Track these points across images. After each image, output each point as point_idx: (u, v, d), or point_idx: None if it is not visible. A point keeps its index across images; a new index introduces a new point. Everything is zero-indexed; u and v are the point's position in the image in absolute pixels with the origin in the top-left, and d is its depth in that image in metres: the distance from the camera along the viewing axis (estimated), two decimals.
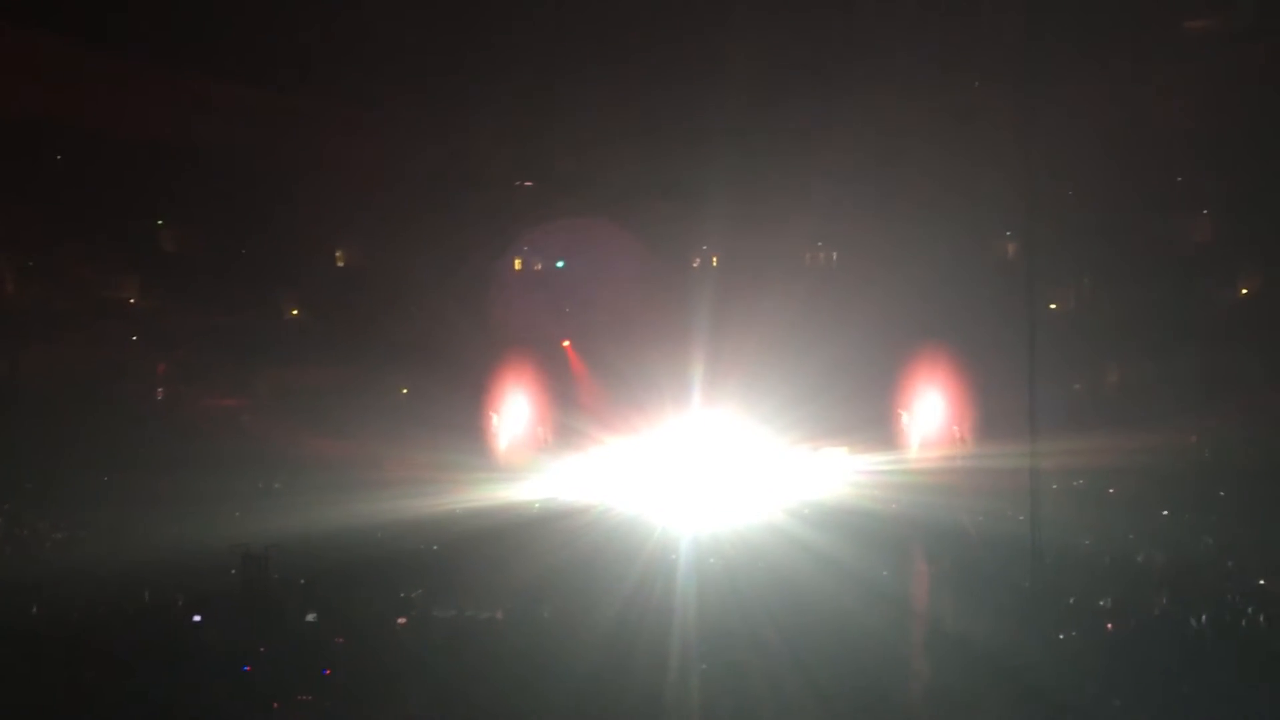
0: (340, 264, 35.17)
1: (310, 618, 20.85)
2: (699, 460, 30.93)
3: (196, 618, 20.17)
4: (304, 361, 33.12)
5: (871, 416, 30.86)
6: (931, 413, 31.60)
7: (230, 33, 29.91)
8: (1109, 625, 19.94)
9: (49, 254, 32.34)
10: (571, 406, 32.98)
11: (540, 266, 34.69)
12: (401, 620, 21.18)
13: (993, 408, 29.14)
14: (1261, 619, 19.25)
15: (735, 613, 20.12)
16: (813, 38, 30.21)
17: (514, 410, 33.62)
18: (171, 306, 33.20)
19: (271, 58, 30.36)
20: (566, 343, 33.79)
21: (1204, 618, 19.12)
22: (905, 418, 31.75)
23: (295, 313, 34.91)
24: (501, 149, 32.48)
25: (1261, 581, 22.05)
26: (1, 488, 28.54)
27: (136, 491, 29.14)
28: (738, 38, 29.50)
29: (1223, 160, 29.84)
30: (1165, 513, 26.44)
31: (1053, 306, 31.96)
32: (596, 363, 33.09)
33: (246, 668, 17.83)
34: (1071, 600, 21.00)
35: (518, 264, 34.66)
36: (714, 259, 33.63)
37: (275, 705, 16.59)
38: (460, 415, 32.09)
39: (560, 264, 34.20)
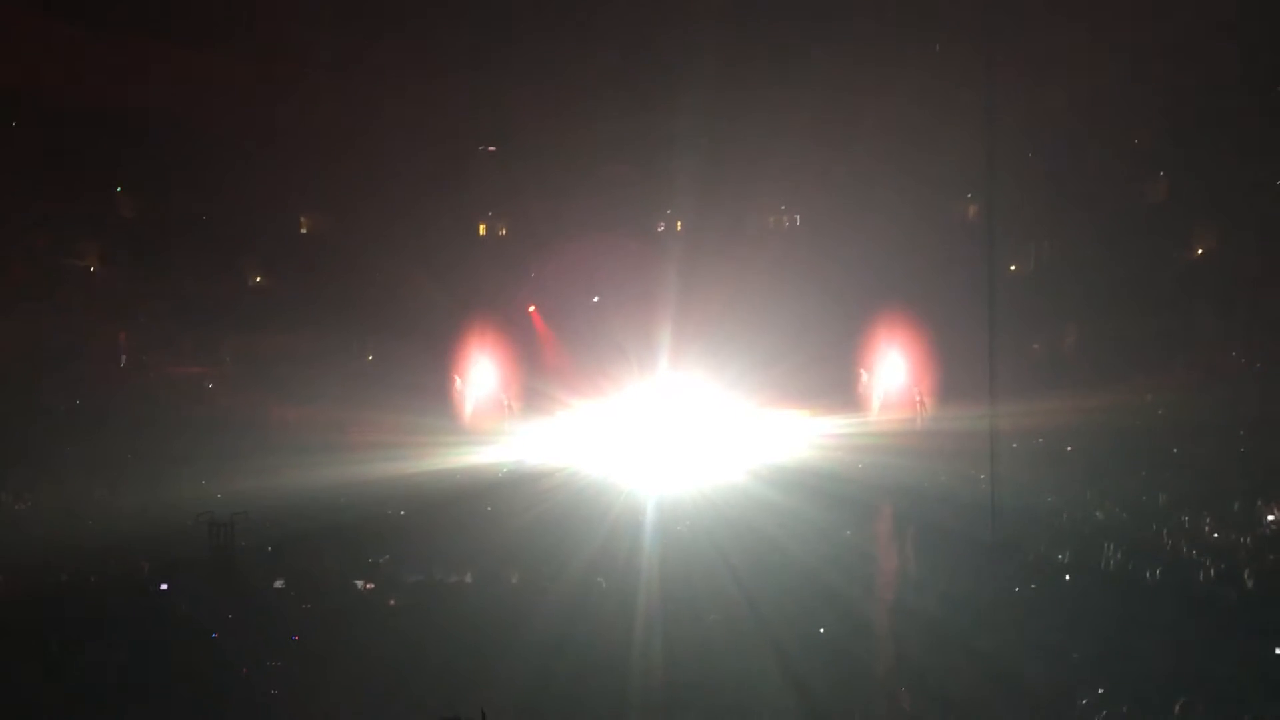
0: (304, 230, 34.91)
1: (278, 584, 20.92)
2: (664, 424, 31.11)
3: (163, 586, 20.18)
4: (268, 328, 32.95)
5: (833, 379, 31.08)
6: (893, 374, 31.86)
7: None
8: (1066, 578, 20.34)
9: (5, 222, 31.89)
10: (537, 371, 33.03)
11: (504, 231, 34.61)
12: (369, 585, 21.28)
13: (953, 369, 29.44)
14: (1213, 571, 19.68)
15: (701, 574, 20.36)
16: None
17: (480, 375, 33.62)
18: (132, 274, 32.89)
19: (234, 19, 29.97)
20: (532, 308, 33.80)
21: (1158, 571, 19.53)
22: (866, 380, 32.01)
23: (258, 279, 34.67)
24: (464, 113, 32.24)
25: (1215, 535, 22.52)
26: None
27: (100, 461, 29.01)
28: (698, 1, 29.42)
29: (1182, 121, 30.08)
30: (1121, 470, 26.87)
31: (1013, 268, 32.24)
32: (562, 328, 33.14)
33: (214, 635, 17.88)
34: (1030, 556, 21.38)
35: (482, 229, 34.57)
36: (678, 224, 33.65)
37: (244, 672, 16.67)
38: (426, 380, 32.07)
39: (524, 229, 34.10)
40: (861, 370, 31.97)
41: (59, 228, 32.45)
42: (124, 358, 33.19)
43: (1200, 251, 31.90)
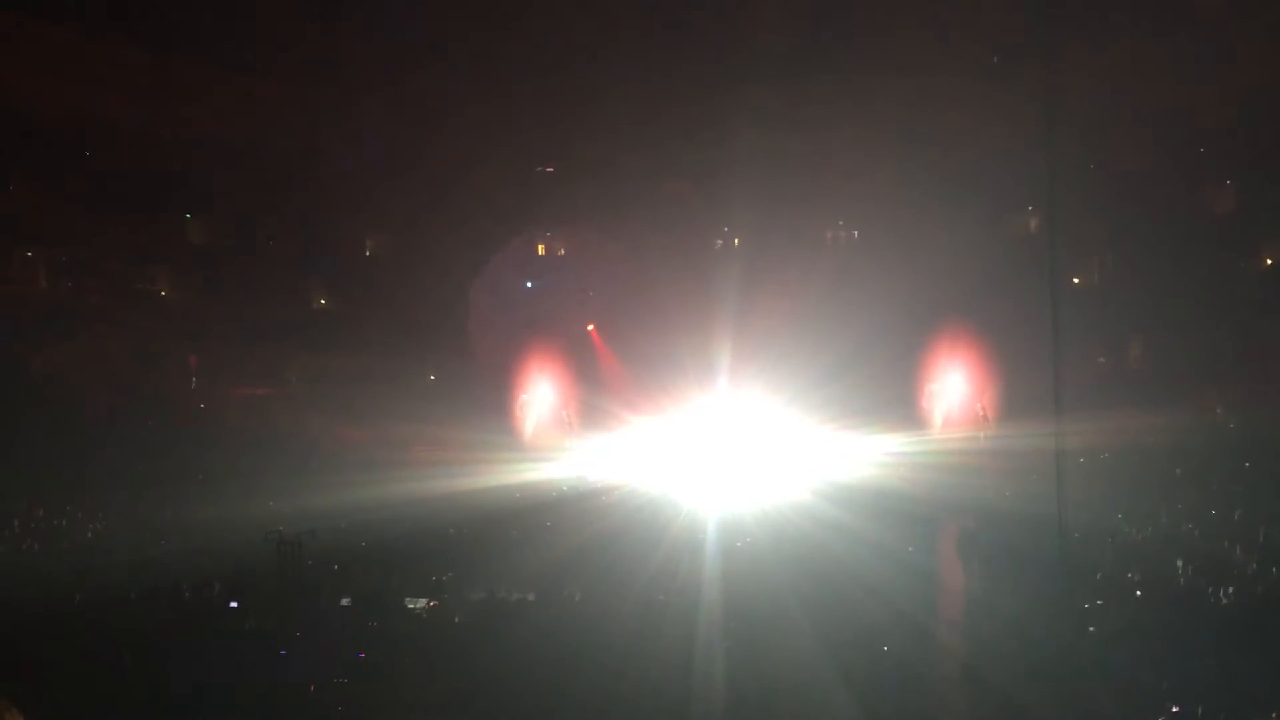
0: (367, 252, 35.42)
1: (345, 602, 21.16)
2: (723, 440, 31.03)
3: (233, 603, 20.51)
4: (333, 349, 33.42)
5: (895, 396, 30.75)
6: (956, 391, 31.49)
7: (256, 26, 30.16)
8: (1136, 594, 19.96)
9: (80, 248, 32.74)
10: (597, 389, 33.13)
11: (564, 251, 34.82)
12: (434, 603, 21.45)
13: (1017, 384, 29.03)
14: None
15: (762, 591, 20.27)
16: (831, 13, 30.07)
17: (540, 393, 33.81)
18: (201, 298, 33.56)
19: (297, 47, 30.58)
20: (591, 326, 33.95)
21: (1231, 589, 19.11)
22: (929, 396, 31.67)
23: (323, 301, 35.21)
24: (522, 135, 32.55)
25: None
26: (38, 479, 28.95)
27: (172, 480, 29.54)
28: (755, 16, 29.45)
29: (1248, 129, 29.54)
30: (1192, 485, 26.28)
31: (1075, 281, 31.77)
32: (621, 345, 33.23)
33: (283, 652, 18.14)
34: (1099, 574, 21.00)
35: (541, 249, 34.80)
36: (736, 240, 33.63)
37: (312, 688, 16.89)
38: (488, 398, 32.31)
39: (583, 248, 34.28)
40: (923, 386, 31.66)
41: (131, 254, 33.24)
42: (194, 379, 33.85)
43: (1269, 261, 31.23)
